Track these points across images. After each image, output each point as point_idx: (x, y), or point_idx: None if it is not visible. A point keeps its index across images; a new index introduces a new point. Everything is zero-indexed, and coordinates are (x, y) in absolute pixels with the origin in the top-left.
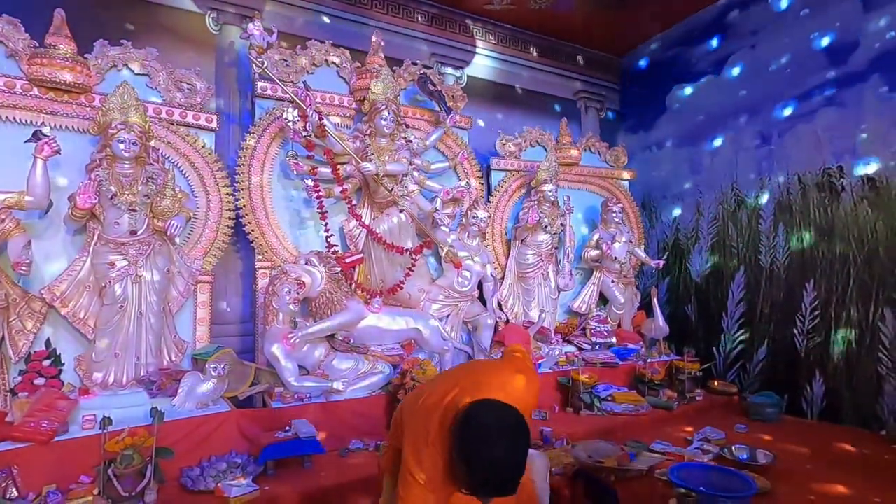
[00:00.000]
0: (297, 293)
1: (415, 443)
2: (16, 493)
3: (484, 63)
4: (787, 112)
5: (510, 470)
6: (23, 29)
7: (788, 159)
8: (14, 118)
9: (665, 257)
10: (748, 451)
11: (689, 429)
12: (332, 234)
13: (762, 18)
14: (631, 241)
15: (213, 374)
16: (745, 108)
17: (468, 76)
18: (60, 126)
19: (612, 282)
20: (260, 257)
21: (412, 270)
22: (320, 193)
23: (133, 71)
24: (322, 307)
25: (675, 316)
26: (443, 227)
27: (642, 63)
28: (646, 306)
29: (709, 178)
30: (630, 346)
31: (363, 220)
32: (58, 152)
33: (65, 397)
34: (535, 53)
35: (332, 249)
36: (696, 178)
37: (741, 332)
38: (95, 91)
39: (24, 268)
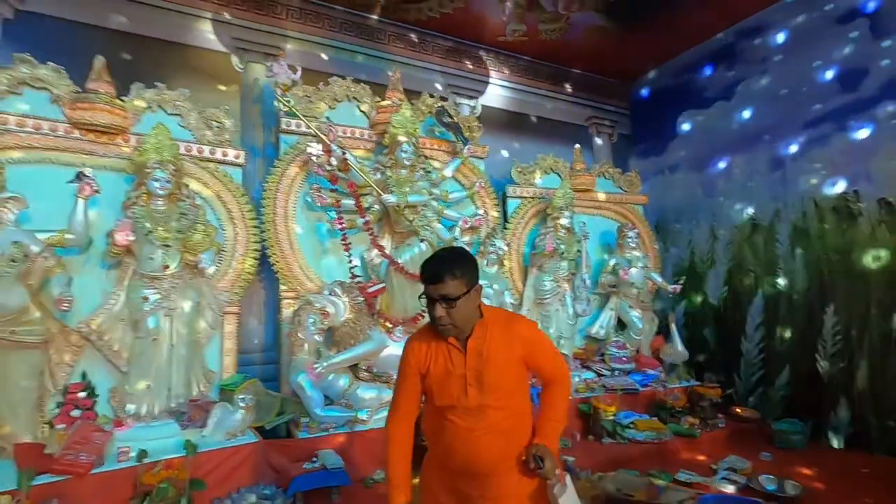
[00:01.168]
0: (322, 323)
1: None
2: None
3: (498, 92)
4: (800, 137)
5: (439, 257)
6: (66, 76)
7: (802, 183)
8: (57, 160)
9: (681, 282)
10: (776, 481)
11: (714, 457)
12: (354, 265)
13: (771, 46)
14: (647, 266)
15: (241, 404)
16: (758, 133)
17: (483, 105)
18: (99, 166)
19: (630, 307)
20: (284, 287)
21: None
22: (343, 225)
23: (166, 111)
24: (346, 337)
25: (694, 340)
26: None
27: (652, 89)
28: (664, 331)
29: (723, 202)
30: (649, 371)
31: (385, 250)
32: (97, 192)
33: (100, 429)
34: (546, 82)
35: (356, 280)
36: (710, 201)
37: (761, 356)
38: (132, 132)
39: (65, 304)
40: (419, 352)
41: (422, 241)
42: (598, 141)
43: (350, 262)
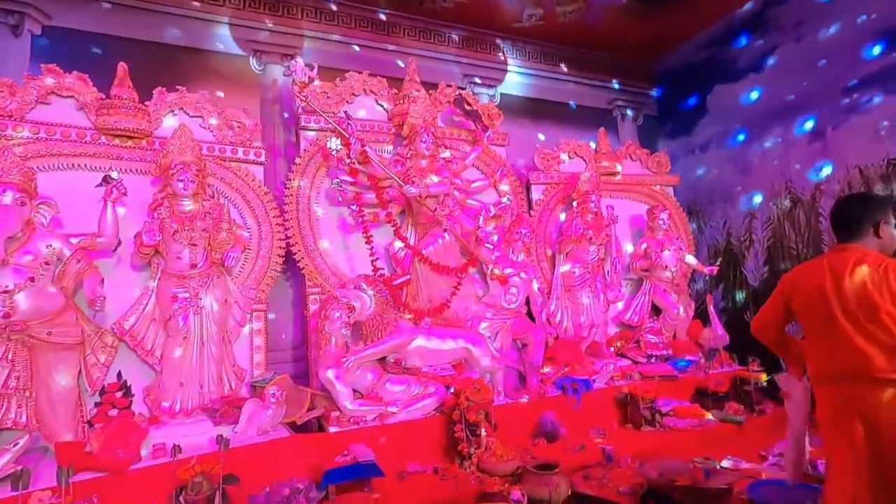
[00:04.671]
0: (348, 317)
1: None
2: None
3: (516, 80)
4: (840, 104)
5: None
6: (91, 84)
7: (846, 153)
8: (85, 165)
9: (718, 263)
10: None
11: (762, 444)
12: (377, 258)
13: (805, 8)
14: (681, 249)
15: (272, 400)
16: (794, 103)
17: (502, 94)
18: (125, 169)
19: (664, 291)
20: (310, 283)
21: (458, 289)
22: (365, 219)
23: (188, 114)
24: (373, 330)
25: (734, 323)
26: (486, 245)
27: (678, 66)
28: (701, 315)
29: (759, 178)
30: (688, 357)
31: (408, 241)
32: (125, 194)
33: (137, 427)
34: (566, 66)
35: (379, 272)
36: (745, 179)
37: None
38: (155, 135)
39: (98, 304)
40: None
41: (444, 230)
42: (624, 124)
43: (372, 255)
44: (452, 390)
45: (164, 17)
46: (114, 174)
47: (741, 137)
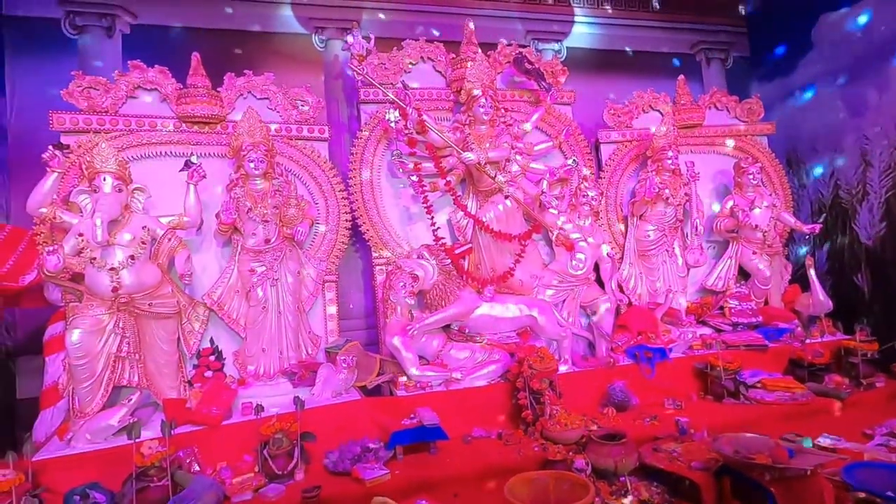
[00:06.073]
0: (412, 286)
1: None
2: (197, 468)
3: (584, 31)
4: None
5: None
6: (170, 75)
7: None
8: (170, 152)
9: (822, 220)
10: None
11: (868, 421)
12: (438, 227)
13: None
14: (775, 206)
15: (344, 365)
16: None
17: (567, 48)
18: (205, 154)
19: (754, 253)
20: (376, 254)
21: (522, 257)
22: (425, 189)
23: (255, 96)
24: (436, 299)
25: (841, 288)
26: (551, 210)
27: None
28: (799, 279)
29: (877, 120)
30: (781, 325)
31: (469, 209)
32: (204, 177)
33: (227, 387)
34: (640, 10)
35: (441, 242)
36: (859, 121)
37: None
38: (228, 119)
39: (188, 278)
40: None
41: (506, 197)
42: (709, 69)
43: (433, 224)
44: (516, 358)
45: (235, 5)
46: (193, 158)
47: (855, 73)
